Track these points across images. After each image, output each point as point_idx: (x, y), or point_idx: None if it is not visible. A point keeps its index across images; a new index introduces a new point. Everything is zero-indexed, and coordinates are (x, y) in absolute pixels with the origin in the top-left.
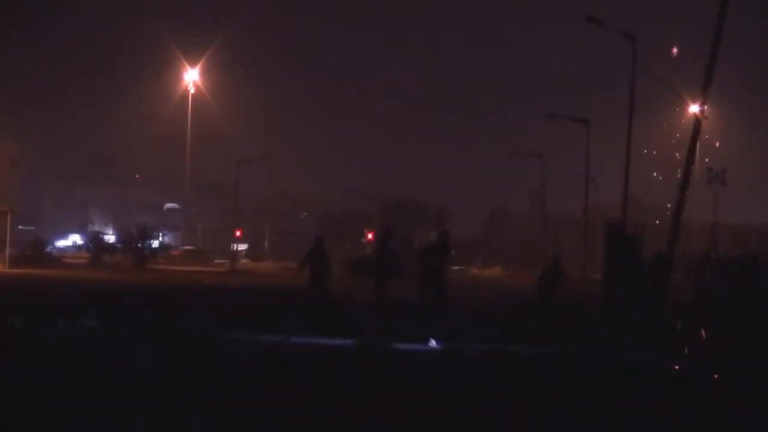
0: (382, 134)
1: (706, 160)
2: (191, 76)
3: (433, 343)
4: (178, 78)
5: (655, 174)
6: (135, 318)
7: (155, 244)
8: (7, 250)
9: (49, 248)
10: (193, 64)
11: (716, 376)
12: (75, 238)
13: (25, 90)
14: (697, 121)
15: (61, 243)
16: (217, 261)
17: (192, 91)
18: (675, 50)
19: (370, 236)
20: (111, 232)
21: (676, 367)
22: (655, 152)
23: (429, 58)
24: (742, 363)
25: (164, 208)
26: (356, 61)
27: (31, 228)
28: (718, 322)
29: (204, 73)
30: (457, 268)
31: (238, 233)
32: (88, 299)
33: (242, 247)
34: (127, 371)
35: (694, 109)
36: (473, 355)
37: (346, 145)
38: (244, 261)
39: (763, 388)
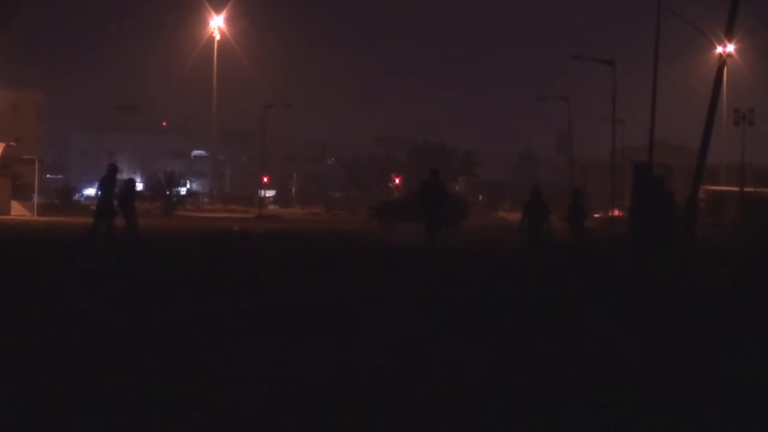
0: (408, 81)
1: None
2: (216, 23)
3: None
4: (204, 25)
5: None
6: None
7: (183, 191)
8: (36, 199)
9: (76, 196)
10: (218, 10)
11: None
12: None
13: (51, 39)
14: (722, 61)
15: (88, 191)
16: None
17: (217, 37)
18: None
19: (397, 181)
20: (139, 179)
21: None
22: (681, 94)
23: (454, 3)
24: None
25: (191, 155)
26: (383, 8)
27: (59, 176)
28: None
29: (229, 20)
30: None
31: (265, 179)
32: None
33: (270, 193)
34: None
35: (722, 49)
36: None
37: (374, 92)
38: (272, 207)
39: None
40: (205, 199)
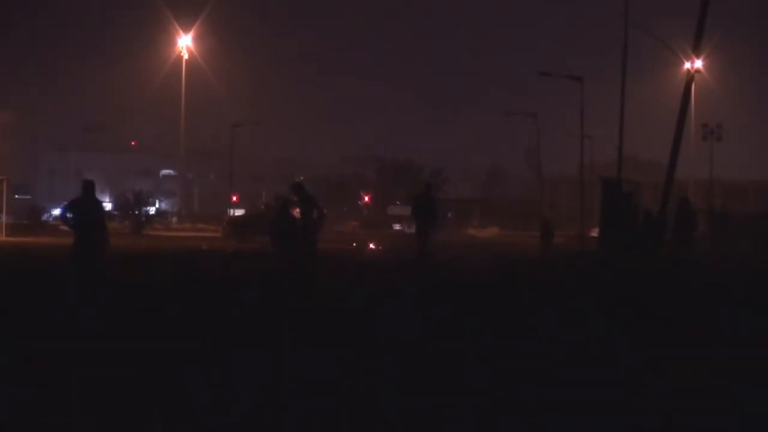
0: (376, 98)
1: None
2: (184, 42)
3: None
4: (172, 44)
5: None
6: None
7: (152, 210)
8: (4, 219)
9: (45, 216)
10: (186, 29)
11: None
12: None
13: (18, 59)
14: (690, 76)
15: (57, 211)
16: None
17: (186, 56)
18: None
19: (366, 199)
20: (107, 199)
21: None
22: (650, 109)
23: (420, 19)
24: None
25: (160, 175)
26: (349, 24)
27: (27, 197)
28: None
29: (197, 39)
30: None
31: (234, 198)
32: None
33: (239, 212)
34: None
35: (690, 64)
36: None
37: (341, 110)
38: None
39: None
40: (174, 219)
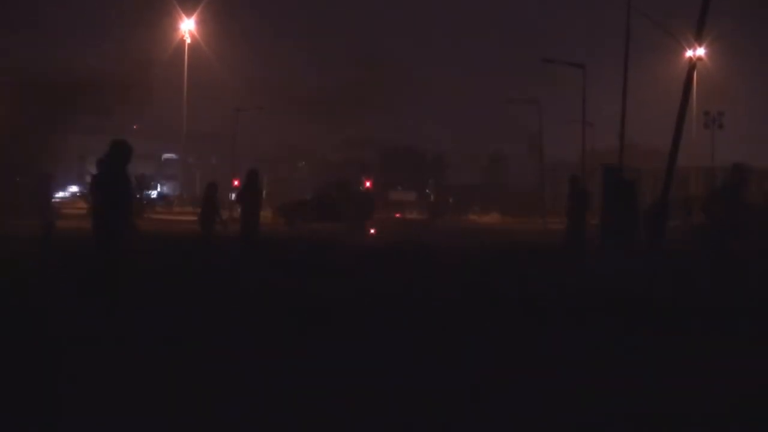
0: (378, 83)
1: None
2: (187, 26)
3: None
4: (174, 27)
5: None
6: None
7: (153, 194)
8: None
9: None
10: (188, 13)
11: None
12: (73, 189)
13: (15, 41)
14: (692, 64)
15: (59, 194)
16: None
17: (188, 40)
18: None
19: (368, 184)
20: None
21: None
22: (652, 96)
23: (422, 6)
24: None
25: (162, 158)
26: (351, 9)
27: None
28: None
29: (200, 23)
30: None
31: (236, 182)
32: None
33: None
34: None
35: (692, 52)
36: None
37: (343, 95)
38: None
39: None
40: (175, 202)
